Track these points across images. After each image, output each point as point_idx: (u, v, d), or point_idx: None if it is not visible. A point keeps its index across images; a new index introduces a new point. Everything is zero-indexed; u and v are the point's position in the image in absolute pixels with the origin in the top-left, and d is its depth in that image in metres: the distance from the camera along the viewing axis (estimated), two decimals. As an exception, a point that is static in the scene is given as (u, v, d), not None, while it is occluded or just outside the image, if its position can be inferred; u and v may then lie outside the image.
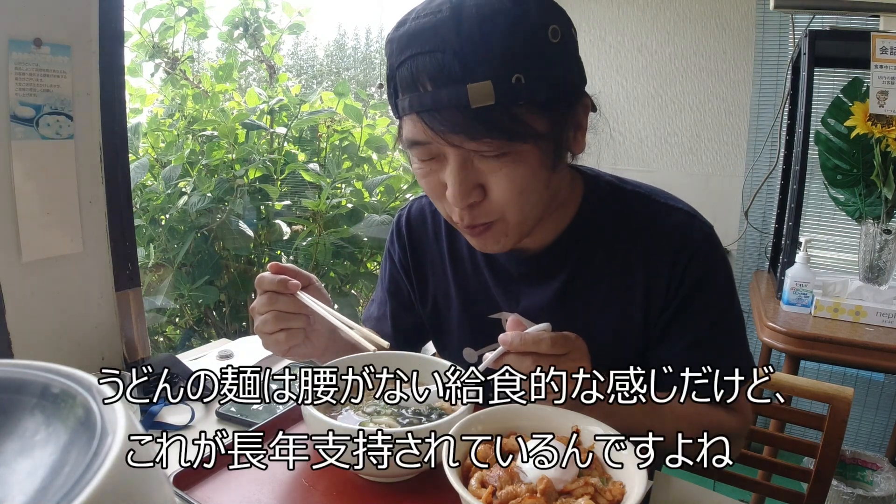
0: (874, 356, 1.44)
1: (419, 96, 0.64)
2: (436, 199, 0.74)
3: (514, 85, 0.62)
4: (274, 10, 2.58)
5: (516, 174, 0.67)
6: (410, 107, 0.65)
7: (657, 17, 2.27)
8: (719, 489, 0.95)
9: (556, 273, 0.83)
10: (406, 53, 0.64)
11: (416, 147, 0.68)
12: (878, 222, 1.63)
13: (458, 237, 0.91)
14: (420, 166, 0.71)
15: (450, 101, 0.62)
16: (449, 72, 0.61)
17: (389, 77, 0.68)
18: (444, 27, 0.62)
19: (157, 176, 2.25)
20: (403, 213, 0.98)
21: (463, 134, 0.63)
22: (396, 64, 0.66)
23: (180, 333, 2.47)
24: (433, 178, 0.71)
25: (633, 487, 0.56)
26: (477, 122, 0.62)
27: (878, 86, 1.50)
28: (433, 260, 0.94)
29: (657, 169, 2.36)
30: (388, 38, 0.68)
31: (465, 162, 0.67)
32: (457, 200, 0.68)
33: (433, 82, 0.62)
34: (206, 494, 0.66)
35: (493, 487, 0.56)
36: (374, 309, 1.03)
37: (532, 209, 0.72)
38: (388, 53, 0.68)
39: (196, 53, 2.64)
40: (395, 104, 0.69)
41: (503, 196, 0.68)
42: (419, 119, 0.65)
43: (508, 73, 0.61)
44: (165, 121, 2.45)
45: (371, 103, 2.53)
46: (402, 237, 0.96)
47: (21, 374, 0.34)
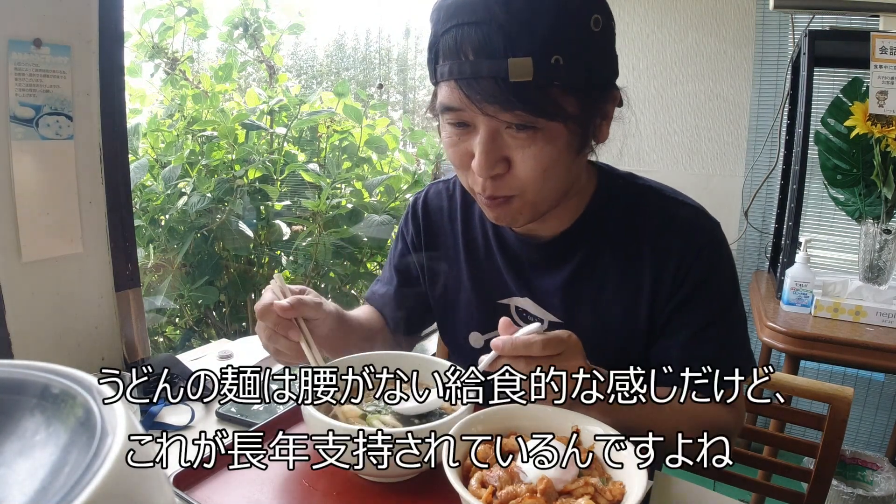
0: (874, 356, 1.44)
1: (460, 64, 0.66)
2: (460, 169, 0.76)
3: (553, 65, 0.64)
4: (274, 11, 2.58)
5: (543, 152, 0.69)
6: (450, 73, 0.68)
7: (657, 17, 2.27)
8: (719, 489, 0.95)
9: (567, 260, 0.84)
10: (452, 21, 0.67)
11: (449, 113, 0.71)
12: (878, 222, 1.63)
13: (472, 222, 0.93)
14: (450, 133, 0.74)
15: (489, 72, 0.64)
16: (493, 44, 0.64)
17: (432, 43, 0.71)
18: (492, 1, 0.64)
19: (157, 176, 2.25)
20: (420, 195, 1.00)
21: (497, 104, 0.66)
22: (441, 31, 0.68)
23: (180, 334, 2.47)
24: (461, 148, 0.73)
25: (633, 487, 0.56)
26: (512, 95, 0.65)
27: (877, 86, 1.50)
28: (446, 243, 0.96)
29: (657, 169, 2.35)
30: (436, 5, 0.70)
31: (495, 133, 0.69)
32: (482, 169, 0.70)
33: (476, 52, 0.65)
34: (206, 494, 0.66)
35: (493, 487, 0.56)
36: (379, 287, 1.04)
37: (551, 190, 0.74)
38: (434, 20, 0.70)
39: (196, 54, 2.64)
40: (433, 70, 0.71)
41: (526, 172, 0.71)
42: (457, 86, 0.67)
43: (549, 53, 0.64)
44: (165, 121, 2.45)
45: (371, 103, 2.53)
46: (418, 218, 0.98)
47: (21, 375, 0.34)
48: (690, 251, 0.79)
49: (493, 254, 0.90)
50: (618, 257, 0.83)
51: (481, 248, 0.92)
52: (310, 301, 0.77)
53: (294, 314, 0.76)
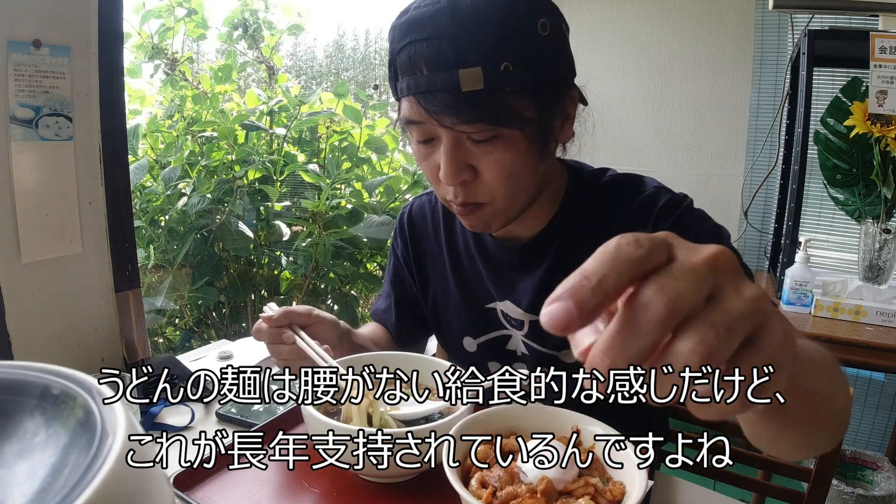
0: (874, 356, 1.44)
1: (416, 79, 0.69)
2: (433, 181, 0.78)
3: (503, 72, 0.66)
4: (273, 11, 2.59)
5: (504, 158, 0.71)
6: (408, 88, 0.70)
7: (656, 17, 2.27)
8: (719, 489, 0.95)
9: (543, 261, 0.86)
10: (406, 39, 0.69)
11: (412, 126, 0.73)
12: (878, 222, 1.63)
13: (455, 230, 0.95)
14: (418, 148, 0.76)
15: (443, 85, 0.67)
16: (443, 57, 0.66)
17: (391, 61, 0.73)
18: (441, 16, 0.66)
19: (157, 177, 2.25)
20: (406, 210, 1.03)
21: (454, 116, 0.68)
22: (397, 49, 0.70)
23: (180, 334, 2.47)
24: (431, 161, 0.75)
25: (633, 487, 0.56)
26: (466, 105, 0.66)
27: (877, 85, 1.50)
28: (433, 253, 0.98)
29: (657, 169, 2.35)
30: (392, 25, 0.73)
31: (457, 142, 0.71)
32: (448, 178, 0.72)
33: (429, 66, 0.67)
34: (206, 495, 0.66)
35: (493, 487, 0.56)
36: (380, 302, 1.07)
37: (519, 193, 0.75)
38: (391, 39, 0.72)
39: (195, 54, 2.64)
40: (394, 86, 0.74)
41: (492, 178, 0.72)
42: (415, 100, 0.70)
43: (498, 60, 0.66)
44: (165, 122, 2.45)
45: (370, 104, 2.53)
46: (405, 233, 1.01)
47: (21, 376, 0.34)
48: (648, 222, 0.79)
49: (475, 260, 0.92)
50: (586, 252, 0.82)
51: (464, 256, 0.94)
52: (299, 308, 0.80)
53: (284, 321, 0.78)
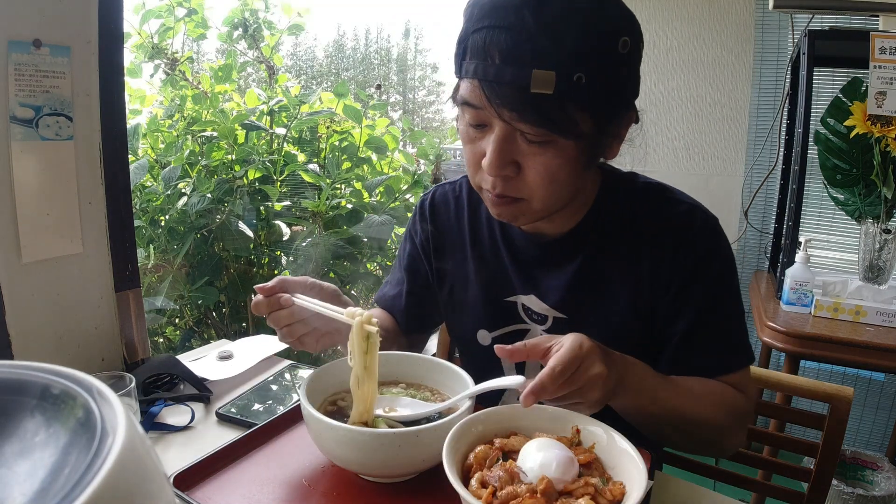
0: (874, 356, 1.44)
1: (485, 66, 0.67)
2: (472, 166, 0.77)
3: (575, 83, 0.65)
4: (273, 11, 2.58)
5: (553, 163, 0.70)
6: (475, 72, 0.68)
7: (656, 17, 2.27)
8: (719, 489, 0.95)
9: (572, 259, 0.86)
10: (484, 22, 0.67)
11: (468, 108, 0.72)
12: (878, 222, 1.63)
13: (479, 221, 0.95)
14: (467, 130, 0.75)
15: (512, 79, 0.65)
16: (519, 52, 0.64)
17: (461, 39, 0.71)
18: (527, 8, 0.64)
19: (157, 177, 2.25)
20: (428, 196, 1.02)
21: (515, 112, 0.66)
22: (473, 29, 0.68)
23: (180, 334, 2.47)
24: (476, 146, 0.74)
25: (633, 487, 0.56)
26: (530, 105, 0.65)
27: (876, 86, 1.50)
28: (454, 242, 0.97)
29: (657, 169, 2.35)
30: (471, 1, 0.70)
31: (508, 136, 0.70)
32: (492, 168, 0.71)
33: (502, 57, 0.65)
34: (206, 495, 0.66)
35: (493, 487, 0.56)
36: (389, 289, 1.05)
37: (557, 199, 0.75)
38: (467, 16, 0.70)
39: (195, 54, 2.64)
40: (459, 64, 0.72)
41: (535, 179, 0.72)
42: (479, 86, 0.68)
43: (573, 70, 0.64)
44: (165, 122, 2.44)
45: (370, 104, 2.53)
46: (426, 218, 1.00)
47: (21, 376, 0.34)
48: (685, 243, 0.81)
49: (500, 252, 0.92)
50: (619, 256, 0.84)
51: (488, 246, 0.93)
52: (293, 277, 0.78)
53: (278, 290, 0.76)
